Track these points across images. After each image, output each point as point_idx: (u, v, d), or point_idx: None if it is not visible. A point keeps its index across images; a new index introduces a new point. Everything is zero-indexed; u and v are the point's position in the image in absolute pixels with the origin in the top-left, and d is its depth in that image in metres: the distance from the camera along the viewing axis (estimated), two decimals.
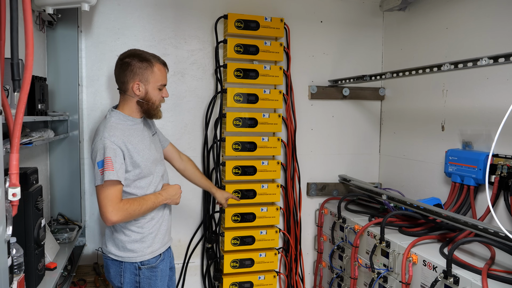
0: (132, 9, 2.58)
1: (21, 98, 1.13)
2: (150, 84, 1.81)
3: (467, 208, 2.22)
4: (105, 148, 1.68)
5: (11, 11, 1.14)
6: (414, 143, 2.77)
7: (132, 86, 1.80)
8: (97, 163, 1.69)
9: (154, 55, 1.86)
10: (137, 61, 1.79)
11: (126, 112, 1.84)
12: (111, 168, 1.66)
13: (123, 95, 1.85)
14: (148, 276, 1.84)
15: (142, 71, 1.79)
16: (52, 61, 2.35)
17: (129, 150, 1.75)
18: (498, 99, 2.13)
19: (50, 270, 1.76)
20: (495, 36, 2.14)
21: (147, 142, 1.87)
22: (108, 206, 1.67)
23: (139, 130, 1.86)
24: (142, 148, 1.81)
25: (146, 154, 1.83)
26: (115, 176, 1.67)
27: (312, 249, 3.07)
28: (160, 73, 1.83)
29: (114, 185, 1.68)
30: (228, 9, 2.69)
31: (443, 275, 1.68)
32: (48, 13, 2.00)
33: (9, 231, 1.11)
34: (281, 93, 2.70)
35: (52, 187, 2.41)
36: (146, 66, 1.80)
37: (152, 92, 1.82)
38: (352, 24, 3.01)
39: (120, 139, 1.73)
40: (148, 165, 1.83)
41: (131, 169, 1.77)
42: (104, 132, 1.73)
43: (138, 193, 1.82)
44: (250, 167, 2.66)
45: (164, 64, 1.87)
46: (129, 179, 1.78)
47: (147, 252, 1.84)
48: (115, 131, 1.74)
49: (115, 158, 1.68)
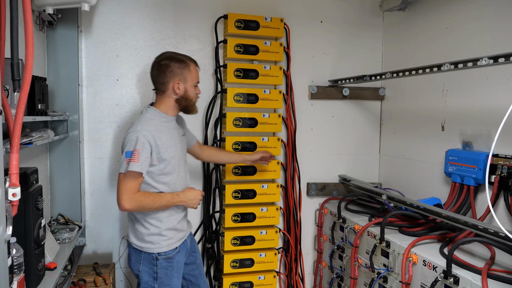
0: (132, 9, 2.58)
1: (21, 98, 1.13)
2: (188, 82, 1.97)
3: (467, 208, 2.22)
4: (137, 140, 1.81)
5: (11, 11, 1.14)
6: (414, 143, 2.77)
7: (173, 86, 1.94)
8: (125, 152, 1.82)
9: (187, 56, 2.01)
10: (175, 62, 1.94)
11: (162, 110, 1.97)
12: (136, 160, 1.79)
13: (162, 95, 1.98)
14: (165, 267, 1.95)
15: (181, 71, 1.94)
16: (52, 61, 2.35)
17: (157, 145, 1.87)
18: (498, 99, 2.13)
19: (50, 270, 1.76)
20: (495, 36, 2.14)
21: (175, 141, 1.99)
22: (124, 194, 1.79)
23: (170, 128, 1.98)
24: (170, 145, 1.93)
25: (173, 152, 1.94)
26: (138, 168, 1.79)
27: (312, 249, 3.07)
28: (195, 71, 2.00)
29: (136, 176, 1.81)
30: (228, 9, 2.69)
31: (443, 275, 1.68)
32: (48, 13, 2.00)
33: (9, 231, 1.11)
34: (281, 93, 2.70)
35: (52, 187, 2.41)
36: (184, 66, 1.95)
37: (190, 89, 1.98)
38: (352, 24, 3.01)
39: (151, 134, 1.85)
40: (173, 162, 1.94)
41: (156, 163, 1.88)
42: (138, 125, 1.87)
43: (162, 188, 1.93)
44: (250, 167, 2.66)
45: (196, 63, 2.02)
46: (154, 173, 1.90)
47: (164, 245, 1.95)
48: (147, 126, 1.87)
49: (142, 151, 1.81)
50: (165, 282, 1.96)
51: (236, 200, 2.63)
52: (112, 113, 2.58)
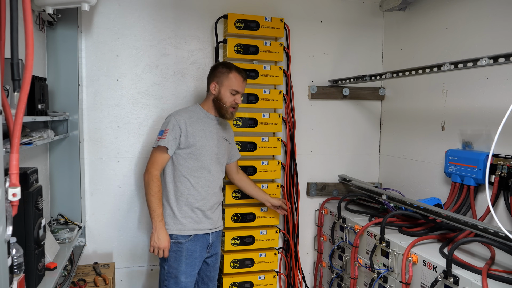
0: (132, 9, 2.58)
1: (21, 98, 1.13)
2: (224, 86, 2.16)
3: (467, 208, 2.22)
4: (168, 122, 2.12)
5: (11, 11, 1.14)
6: (414, 143, 2.77)
7: (211, 85, 2.19)
8: (159, 131, 2.15)
9: (238, 67, 2.22)
10: (221, 67, 2.20)
11: (204, 107, 2.24)
12: (164, 137, 2.08)
13: (207, 94, 2.25)
14: (174, 250, 2.12)
15: (220, 74, 2.18)
16: (52, 61, 2.35)
17: (187, 131, 2.12)
18: (498, 99, 2.13)
19: (50, 270, 1.75)
20: (495, 36, 2.14)
21: (209, 135, 2.18)
22: (149, 164, 2.12)
23: (207, 123, 2.20)
24: (201, 135, 2.15)
25: (203, 142, 2.14)
26: (165, 143, 2.08)
27: (312, 249, 3.07)
28: (234, 79, 2.17)
29: (162, 151, 2.10)
30: (228, 9, 2.69)
31: (443, 275, 1.68)
32: (48, 13, 1.99)
33: (9, 231, 1.10)
34: (281, 93, 2.70)
35: (52, 187, 2.41)
36: (225, 71, 2.17)
37: (224, 93, 2.16)
38: (352, 24, 3.01)
39: (183, 120, 2.12)
40: (200, 151, 2.13)
41: (183, 146, 2.12)
42: (176, 111, 2.19)
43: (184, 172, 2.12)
44: (250, 167, 2.66)
45: (241, 74, 2.20)
46: (181, 156, 2.13)
47: (175, 229, 2.13)
48: (182, 113, 2.16)
49: (171, 131, 2.09)
50: (173, 265, 2.12)
51: (236, 200, 2.63)
52: (112, 113, 2.58)
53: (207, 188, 2.17)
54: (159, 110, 2.64)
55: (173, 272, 2.12)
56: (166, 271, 2.14)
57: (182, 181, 2.14)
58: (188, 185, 2.14)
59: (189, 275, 2.14)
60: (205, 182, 2.17)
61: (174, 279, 2.12)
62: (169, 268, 2.12)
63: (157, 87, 2.65)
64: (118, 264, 2.63)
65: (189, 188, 2.14)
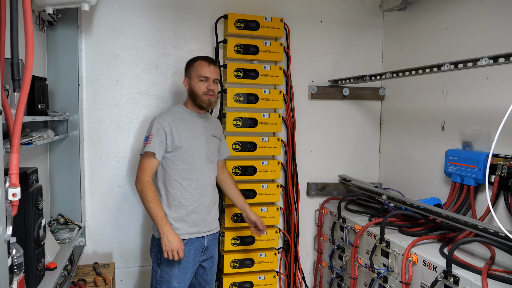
0: (132, 9, 2.58)
1: (21, 98, 1.13)
2: (192, 77, 2.14)
3: (467, 208, 2.22)
4: (152, 126, 2.08)
5: (11, 11, 1.14)
6: (414, 143, 2.77)
7: (184, 82, 2.19)
8: (145, 137, 2.10)
9: (203, 56, 2.19)
10: (188, 62, 2.19)
11: (186, 105, 2.20)
12: (150, 143, 2.03)
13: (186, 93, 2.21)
14: None
15: (188, 68, 2.18)
16: (52, 61, 2.35)
17: (173, 133, 2.06)
18: (498, 99, 2.13)
19: (50, 270, 1.76)
20: (495, 36, 2.14)
21: (195, 134, 2.13)
22: (138, 172, 2.06)
23: (192, 122, 2.15)
24: (186, 135, 2.10)
25: (190, 142, 2.10)
26: (151, 149, 2.03)
27: (312, 249, 3.07)
28: (200, 66, 2.13)
29: (149, 157, 2.05)
30: (228, 9, 2.69)
31: (443, 275, 1.68)
32: (48, 13, 2.00)
33: (9, 231, 1.11)
34: (281, 93, 2.70)
35: (52, 187, 2.41)
36: (191, 64, 2.17)
37: (194, 83, 2.12)
38: (352, 24, 3.01)
39: (166, 122, 2.07)
40: (188, 152, 2.08)
41: (171, 150, 2.07)
42: (159, 114, 2.15)
43: (174, 175, 2.07)
44: (250, 167, 2.66)
45: (205, 59, 2.15)
46: (169, 159, 2.08)
47: None
48: (165, 115, 2.11)
49: (156, 136, 2.05)
50: (166, 269, 2.07)
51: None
52: (112, 113, 2.58)
53: (199, 189, 2.11)
54: (159, 110, 2.63)
55: (165, 277, 2.07)
56: (158, 275, 2.08)
57: (174, 185, 2.08)
58: (180, 188, 2.08)
59: (182, 279, 2.08)
60: (197, 184, 2.11)
61: (167, 283, 2.07)
62: (162, 273, 2.08)
63: (157, 87, 2.65)
64: (118, 264, 2.63)
65: (181, 191, 2.08)
